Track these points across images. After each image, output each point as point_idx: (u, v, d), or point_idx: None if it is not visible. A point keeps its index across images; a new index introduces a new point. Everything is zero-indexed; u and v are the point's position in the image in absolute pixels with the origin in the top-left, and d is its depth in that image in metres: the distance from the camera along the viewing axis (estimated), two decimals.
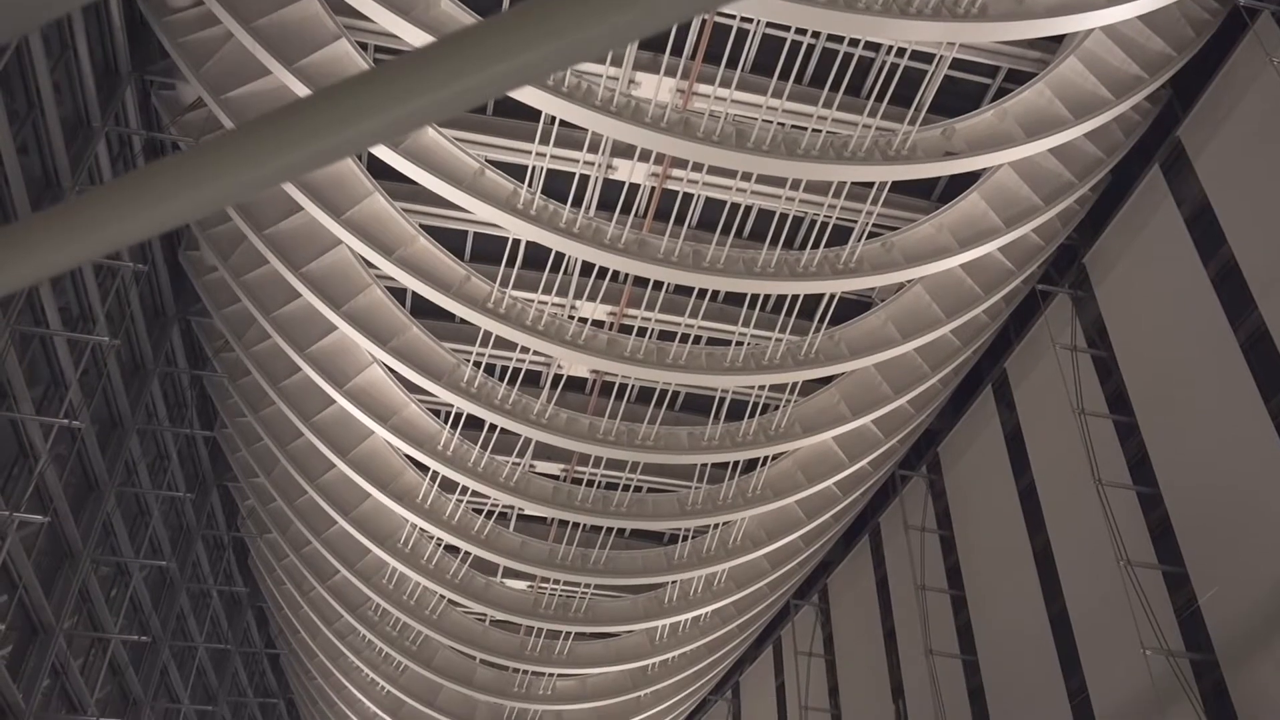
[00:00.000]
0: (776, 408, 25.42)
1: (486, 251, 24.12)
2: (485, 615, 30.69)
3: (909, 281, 23.67)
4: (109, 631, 25.35)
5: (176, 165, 1.66)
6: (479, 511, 27.04)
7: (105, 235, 1.66)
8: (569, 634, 30.53)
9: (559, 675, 32.34)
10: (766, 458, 26.61)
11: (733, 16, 19.43)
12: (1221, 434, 20.54)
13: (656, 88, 19.55)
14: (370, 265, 22.41)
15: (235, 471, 31.57)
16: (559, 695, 32.74)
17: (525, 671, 31.87)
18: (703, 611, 30.61)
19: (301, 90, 18.48)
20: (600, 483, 27.25)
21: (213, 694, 37.15)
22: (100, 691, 26.12)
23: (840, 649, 35.84)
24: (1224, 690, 19.28)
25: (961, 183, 22.58)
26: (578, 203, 20.84)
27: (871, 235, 22.18)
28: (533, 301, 22.60)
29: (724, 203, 22.10)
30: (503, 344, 23.33)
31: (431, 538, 27.76)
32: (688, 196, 22.40)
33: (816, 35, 20.17)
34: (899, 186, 22.45)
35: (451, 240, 23.05)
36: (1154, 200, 23.10)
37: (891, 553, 32.78)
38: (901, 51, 19.79)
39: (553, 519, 28.38)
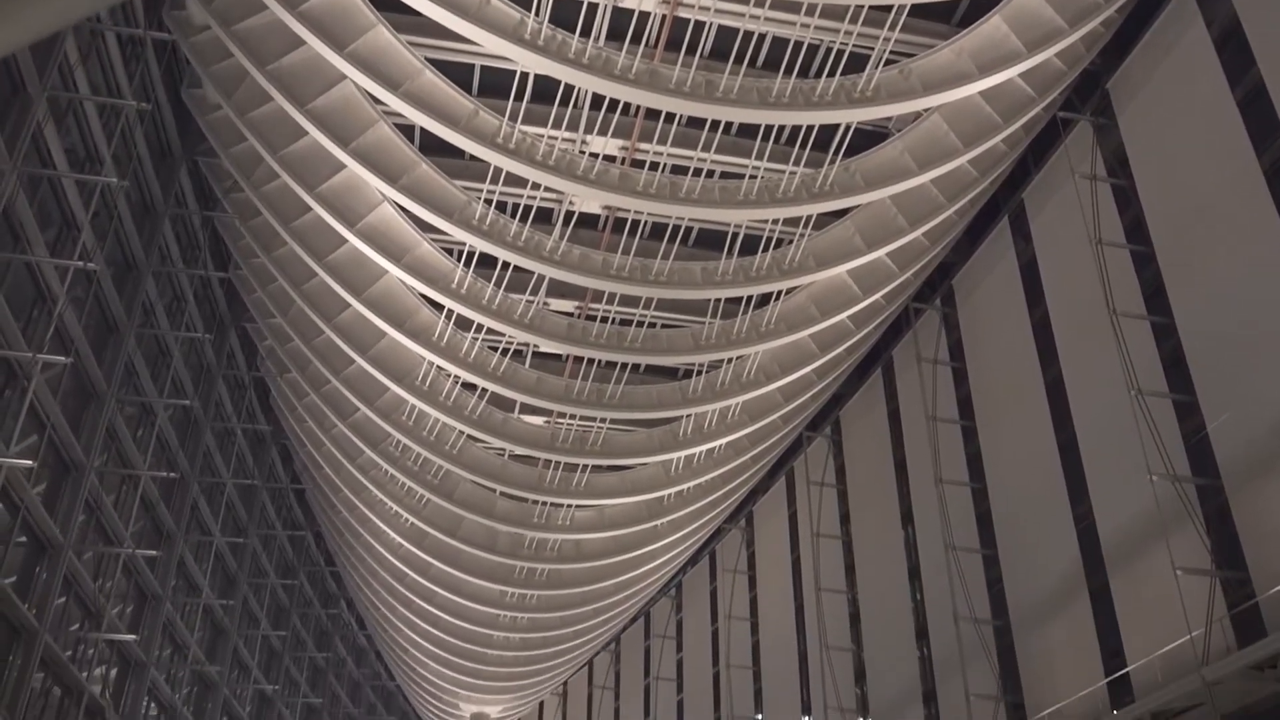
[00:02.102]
0: (790, 241, 25.27)
1: (494, 85, 23.62)
2: (504, 450, 31.36)
3: (927, 110, 23.14)
4: (138, 469, 26.02)
5: None
6: (495, 349, 27.29)
7: None
8: (586, 467, 31.22)
9: (577, 506, 33.24)
10: (780, 292, 26.61)
11: None
12: (1240, 264, 20.34)
13: None
14: (376, 101, 22.00)
15: (252, 312, 31.80)
16: (578, 525, 33.72)
17: (544, 503, 32.74)
18: (717, 444, 31.17)
19: None
20: (614, 319, 27.38)
21: (242, 527, 38.41)
22: (134, 525, 27.01)
23: (852, 479, 36.63)
24: (1227, 513, 19.69)
25: (983, 5, 21.81)
26: (586, 32, 20.25)
27: (889, 62, 21.57)
28: (543, 136, 22.23)
29: (737, 30, 21.40)
30: (513, 180, 23.06)
31: (449, 375, 28.11)
32: (699, 24, 21.70)
33: None
34: (918, 10, 21.71)
35: (458, 74, 22.53)
36: (1182, 21, 22.28)
37: (904, 385, 33.11)
38: None
39: (568, 355, 28.67)
